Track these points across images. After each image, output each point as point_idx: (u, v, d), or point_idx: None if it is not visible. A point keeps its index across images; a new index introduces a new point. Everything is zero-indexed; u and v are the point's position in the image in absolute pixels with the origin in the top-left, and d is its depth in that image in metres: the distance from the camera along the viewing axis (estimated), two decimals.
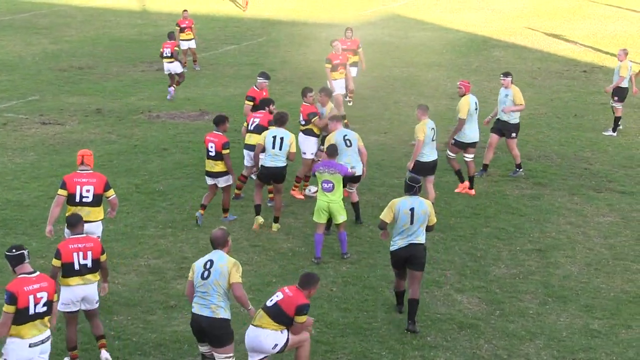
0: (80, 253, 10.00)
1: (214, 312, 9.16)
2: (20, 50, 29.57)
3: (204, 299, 9.21)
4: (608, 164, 18.35)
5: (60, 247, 10.03)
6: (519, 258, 13.57)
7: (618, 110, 20.42)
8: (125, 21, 35.96)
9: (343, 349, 10.78)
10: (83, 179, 11.76)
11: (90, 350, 10.63)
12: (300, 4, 41.41)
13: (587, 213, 15.53)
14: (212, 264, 9.21)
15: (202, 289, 9.22)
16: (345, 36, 22.62)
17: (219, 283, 9.13)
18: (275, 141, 14.19)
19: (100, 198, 11.89)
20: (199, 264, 9.35)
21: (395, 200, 11.49)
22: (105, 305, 11.71)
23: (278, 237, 14.21)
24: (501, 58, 29.64)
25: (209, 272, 9.19)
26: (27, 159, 17.99)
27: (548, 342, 11.06)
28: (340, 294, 12.19)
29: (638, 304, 12.15)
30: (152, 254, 13.46)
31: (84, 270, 10.02)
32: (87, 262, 10.01)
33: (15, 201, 15.54)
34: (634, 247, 14.10)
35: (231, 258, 9.37)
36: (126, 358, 10.46)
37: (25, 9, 38.12)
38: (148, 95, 23.63)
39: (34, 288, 8.84)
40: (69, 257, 9.96)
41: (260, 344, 9.39)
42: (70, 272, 9.98)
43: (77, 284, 10.06)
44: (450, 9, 40.81)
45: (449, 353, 10.71)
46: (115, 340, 10.84)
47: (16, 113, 21.60)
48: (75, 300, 10.12)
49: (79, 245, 10.05)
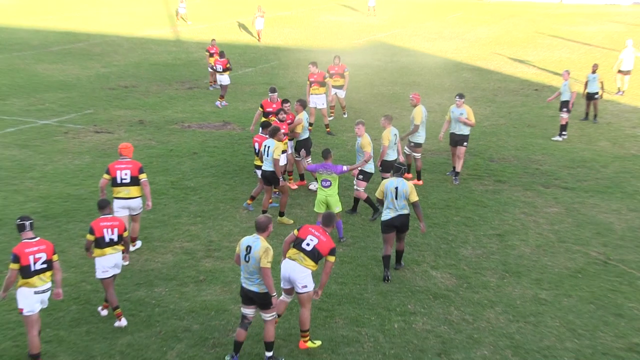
0: (109, 229, 10.48)
1: (259, 288, 9.33)
2: (77, 72, 29.63)
3: (250, 279, 9.35)
4: (555, 165, 18.40)
5: (93, 225, 10.52)
6: (482, 241, 13.66)
7: (563, 119, 20.51)
8: (162, 49, 36.00)
9: (340, 315, 10.88)
10: (122, 165, 12.42)
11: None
12: (305, 35, 41.46)
13: (538, 205, 15.61)
14: (250, 251, 9.29)
15: (247, 269, 9.35)
16: (334, 62, 22.06)
17: (256, 267, 9.25)
18: (265, 149, 14.05)
19: (137, 179, 12.48)
20: (242, 245, 9.44)
21: (384, 180, 12.29)
22: (147, 280, 11.85)
23: (286, 225, 14.30)
24: (469, 79, 29.68)
25: (248, 257, 9.30)
26: (83, 161, 18.07)
27: (505, 309, 11.16)
28: (338, 271, 12.26)
29: (577, 278, 12.24)
30: (185, 238, 13.56)
31: (112, 242, 10.51)
32: (114, 237, 10.51)
33: (75, 195, 15.63)
34: (575, 232, 14.18)
35: (264, 244, 9.30)
36: (165, 322, 10.56)
37: (82, 39, 38.17)
38: (181, 109, 23.70)
39: (33, 250, 9.39)
40: (100, 232, 10.47)
41: (295, 275, 9.77)
42: (103, 244, 10.45)
43: (110, 253, 10.54)
44: (427, 38, 40.84)
45: (426, 318, 10.81)
46: (156, 308, 10.95)
47: (74, 124, 21.67)
48: (110, 267, 10.56)
49: (107, 223, 10.54)
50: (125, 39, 38.84)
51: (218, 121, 22.29)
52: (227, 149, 19.22)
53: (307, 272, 9.79)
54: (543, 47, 37.89)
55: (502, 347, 10.09)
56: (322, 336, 10.21)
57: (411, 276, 12.15)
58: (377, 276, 12.13)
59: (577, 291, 11.77)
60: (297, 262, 9.79)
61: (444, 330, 10.48)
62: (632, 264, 12.82)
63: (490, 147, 19.66)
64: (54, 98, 25.03)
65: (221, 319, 10.65)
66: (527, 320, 10.84)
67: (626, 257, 13.11)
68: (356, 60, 32.85)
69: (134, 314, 10.77)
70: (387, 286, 11.72)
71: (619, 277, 12.31)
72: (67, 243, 13.17)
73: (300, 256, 9.81)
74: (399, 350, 9.96)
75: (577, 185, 16.90)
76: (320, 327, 10.47)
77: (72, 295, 11.27)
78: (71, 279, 11.82)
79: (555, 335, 10.46)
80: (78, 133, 20.64)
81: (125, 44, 37.24)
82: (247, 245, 9.35)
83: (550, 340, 10.32)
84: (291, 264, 9.82)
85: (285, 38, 40.20)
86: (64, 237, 13.40)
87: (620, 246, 13.57)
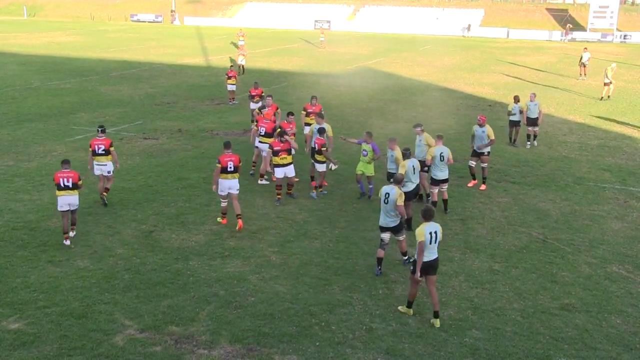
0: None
1: (394, 221, 10.77)
2: (130, 92, 29.48)
3: (388, 215, 10.69)
4: (504, 164, 18.25)
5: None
6: (448, 225, 13.49)
7: (531, 130, 20.02)
8: (196, 73, 35.83)
9: (336, 283, 10.75)
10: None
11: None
12: (308, 62, 41.24)
13: (492, 195, 15.46)
14: (389, 196, 10.56)
15: (386, 209, 10.64)
16: (311, 103, 17.89)
17: (392, 206, 10.55)
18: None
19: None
20: (383, 192, 10.67)
21: (405, 161, 12.63)
22: (184, 255, 11.71)
23: (294, 211, 14.15)
24: (437, 97, 29.47)
25: (387, 200, 10.55)
26: (134, 161, 17.93)
27: (466, 278, 11.04)
28: (334, 248, 12.15)
29: (522, 253, 12.12)
30: (213, 222, 13.40)
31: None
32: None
33: (127, 188, 15.50)
34: (521, 217, 14.04)
35: (399, 191, 10.56)
36: (197, 288, 10.43)
37: (135, 67, 38.00)
38: (211, 120, 23.55)
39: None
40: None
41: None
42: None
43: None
44: (405, 65, 40.64)
45: (404, 285, 10.66)
46: (190, 277, 10.82)
47: (128, 132, 21.53)
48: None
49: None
50: (168, 65, 38.69)
51: (240, 130, 22.14)
52: (247, 152, 19.03)
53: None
54: (497, 71, 37.73)
55: (464, 308, 9.96)
56: (322, 300, 10.09)
57: (393, 253, 12.00)
58: (366, 252, 11.99)
59: (522, 263, 11.65)
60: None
61: (419, 295, 10.32)
62: (564, 242, 12.70)
63: (455, 151, 19.38)
64: (112, 112, 24.88)
65: (242, 286, 10.52)
66: (484, 287, 10.71)
67: (560, 236, 12.99)
68: (349, 82, 32.68)
69: (173, 281, 10.64)
70: (373, 260, 11.55)
71: (554, 252, 12.19)
72: (122, 226, 13.03)
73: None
74: (383, 312, 9.83)
75: (522, 180, 16.75)
76: (320, 293, 10.34)
77: (125, 267, 11.14)
78: (124, 254, 11.69)
79: (505, 298, 10.33)
80: (130, 139, 20.49)
81: (168, 69, 37.09)
82: (386, 192, 10.56)
83: (502, 302, 10.20)
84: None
85: (292, 65, 40.01)
86: (118, 222, 13.26)
87: (555, 228, 13.45)
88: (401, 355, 8.68)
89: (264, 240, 12.48)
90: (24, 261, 11.28)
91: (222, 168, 12.62)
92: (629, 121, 24.39)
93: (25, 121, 22.97)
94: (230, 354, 8.61)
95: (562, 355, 8.79)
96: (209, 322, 9.38)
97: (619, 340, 9.21)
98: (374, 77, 35.29)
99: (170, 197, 14.88)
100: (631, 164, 18.59)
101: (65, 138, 20.60)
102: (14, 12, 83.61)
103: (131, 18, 78.17)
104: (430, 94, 30.08)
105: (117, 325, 9.22)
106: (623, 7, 68.17)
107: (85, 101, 27.00)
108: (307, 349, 8.78)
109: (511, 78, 35.29)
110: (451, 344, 8.99)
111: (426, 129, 15.21)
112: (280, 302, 9.97)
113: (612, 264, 11.73)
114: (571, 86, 32.67)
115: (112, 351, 8.59)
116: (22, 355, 8.48)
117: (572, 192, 15.89)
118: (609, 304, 10.22)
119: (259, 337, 9.04)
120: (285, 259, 11.60)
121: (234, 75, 26.60)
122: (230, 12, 78.21)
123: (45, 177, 16.18)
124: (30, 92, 28.81)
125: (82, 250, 11.81)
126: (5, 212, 13.67)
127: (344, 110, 24.15)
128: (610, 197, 15.58)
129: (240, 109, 26.03)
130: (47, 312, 9.52)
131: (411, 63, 41.63)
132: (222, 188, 12.79)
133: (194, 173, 16.79)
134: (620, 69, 35.47)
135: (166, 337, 8.99)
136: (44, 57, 41.24)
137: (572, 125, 23.74)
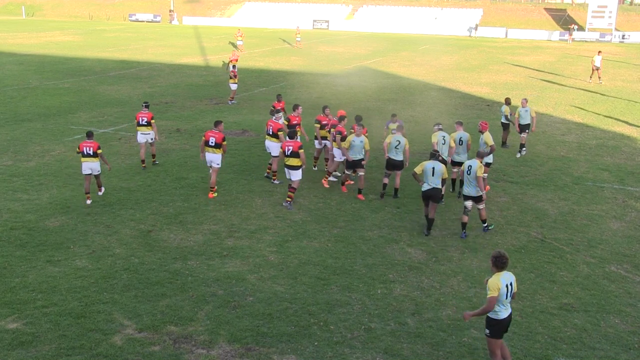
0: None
1: (475, 191, 12.06)
2: (129, 92, 29.45)
3: (470, 186, 12.12)
4: (503, 164, 18.26)
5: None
6: (447, 224, 13.50)
7: (523, 139, 19.03)
8: (195, 73, 35.81)
9: (335, 283, 10.74)
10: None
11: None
12: (308, 61, 41.25)
13: (490, 195, 15.43)
14: (471, 168, 11.94)
15: (468, 179, 12.14)
16: (324, 113, 16.44)
17: (474, 177, 12.02)
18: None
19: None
20: (465, 165, 12.05)
21: (424, 162, 12.68)
22: (182, 255, 11.69)
23: (293, 210, 14.14)
24: (435, 96, 29.50)
25: (470, 171, 12.08)
26: (133, 161, 17.90)
27: (465, 277, 11.04)
28: (333, 248, 12.14)
29: (521, 252, 12.13)
30: (212, 222, 13.39)
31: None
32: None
33: (126, 188, 15.47)
34: (519, 217, 14.03)
35: (479, 164, 12.01)
36: (196, 288, 10.41)
37: (133, 66, 37.97)
38: (209, 120, 23.51)
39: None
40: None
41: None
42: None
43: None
44: (403, 65, 40.66)
45: (403, 285, 10.67)
46: (189, 277, 10.80)
47: (126, 132, 21.50)
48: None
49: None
50: (166, 65, 38.67)
51: (238, 129, 22.11)
52: (245, 151, 19.05)
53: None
54: (494, 71, 37.75)
55: (462, 308, 9.95)
56: (320, 300, 10.07)
57: (391, 252, 12.00)
58: (364, 252, 11.98)
59: (521, 263, 11.65)
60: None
61: (417, 294, 10.34)
62: (562, 241, 12.70)
63: None
64: (111, 112, 24.84)
65: (240, 286, 10.51)
66: (482, 287, 10.67)
67: (558, 236, 12.99)
68: (348, 82, 32.69)
69: (172, 281, 10.62)
70: (372, 260, 11.58)
71: (552, 252, 12.19)
72: (120, 225, 13.01)
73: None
74: (382, 311, 9.82)
75: (521, 180, 16.76)
76: (318, 293, 10.32)
77: (124, 267, 11.12)
78: (123, 253, 11.67)
79: None
80: (129, 139, 20.45)
81: (166, 69, 37.06)
82: (469, 165, 11.58)
83: None
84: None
85: (291, 64, 39.99)
86: (117, 221, 13.24)
87: (554, 228, 13.45)
88: (400, 354, 8.68)
89: (263, 240, 12.47)
90: (23, 261, 11.27)
91: (205, 141, 14.31)
92: (627, 121, 24.43)
93: (23, 121, 22.93)
94: (229, 354, 8.60)
95: (560, 354, 8.79)
96: (208, 322, 9.36)
97: (618, 339, 9.21)
98: (372, 76, 35.29)
99: (168, 196, 14.86)
100: (630, 163, 18.61)
101: (63, 137, 20.56)
102: (13, 12, 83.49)
103: (129, 18, 78.12)
104: (429, 94, 30.09)
105: (115, 325, 9.20)
106: (621, 6, 68.33)
107: (84, 101, 26.95)
108: (305, 348, 8.77)
109: (509, 78, 35.30)
110: (449, 343, 8.99)
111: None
112: (278, 302, 9.96)
113: (611, 263, 11.74)
114: (570, 86, 32.71)
115: (111, 351, 8.57)
116: (20, 355, 8.46)
117: (570, 191, 15.91)
118: (607, 303, 10.23)
119: (258, 336, 9.03)
120: (283, 259, 11.60)
121: (234, 75, 26.69)
122: (228, 11, 78.22)
123: (44, 177, 16.16)
124: (29, 92, 28.76)
125: (80, 250, 11.79)
126: (4, 212, 13.65)
127: (343, 110, 24.10)
128: (609, 196, 15.59)
129: (239, 108, 26.02)
130: (45, 312, 9.50)
131: (409, 63, 41.66)
132: (207, 160, 14.48)
133: (192, 173, 16.77)
134: (619, 68, 35.59)
135: (165, 336, 8.97)
136: (42, 56, 41.20)
137: (570, 125, 23.77)
